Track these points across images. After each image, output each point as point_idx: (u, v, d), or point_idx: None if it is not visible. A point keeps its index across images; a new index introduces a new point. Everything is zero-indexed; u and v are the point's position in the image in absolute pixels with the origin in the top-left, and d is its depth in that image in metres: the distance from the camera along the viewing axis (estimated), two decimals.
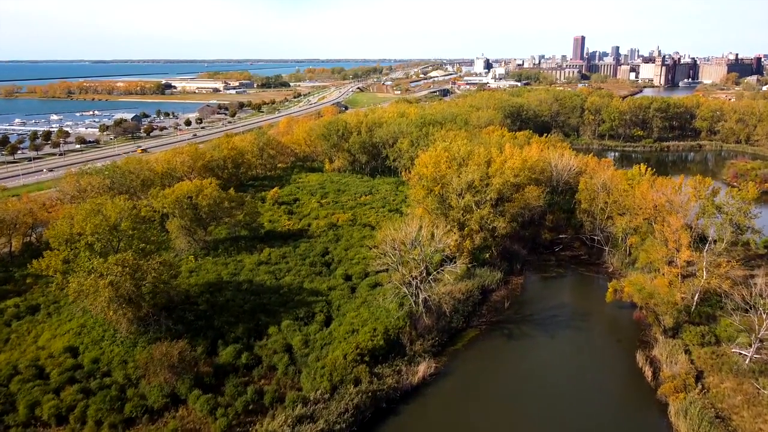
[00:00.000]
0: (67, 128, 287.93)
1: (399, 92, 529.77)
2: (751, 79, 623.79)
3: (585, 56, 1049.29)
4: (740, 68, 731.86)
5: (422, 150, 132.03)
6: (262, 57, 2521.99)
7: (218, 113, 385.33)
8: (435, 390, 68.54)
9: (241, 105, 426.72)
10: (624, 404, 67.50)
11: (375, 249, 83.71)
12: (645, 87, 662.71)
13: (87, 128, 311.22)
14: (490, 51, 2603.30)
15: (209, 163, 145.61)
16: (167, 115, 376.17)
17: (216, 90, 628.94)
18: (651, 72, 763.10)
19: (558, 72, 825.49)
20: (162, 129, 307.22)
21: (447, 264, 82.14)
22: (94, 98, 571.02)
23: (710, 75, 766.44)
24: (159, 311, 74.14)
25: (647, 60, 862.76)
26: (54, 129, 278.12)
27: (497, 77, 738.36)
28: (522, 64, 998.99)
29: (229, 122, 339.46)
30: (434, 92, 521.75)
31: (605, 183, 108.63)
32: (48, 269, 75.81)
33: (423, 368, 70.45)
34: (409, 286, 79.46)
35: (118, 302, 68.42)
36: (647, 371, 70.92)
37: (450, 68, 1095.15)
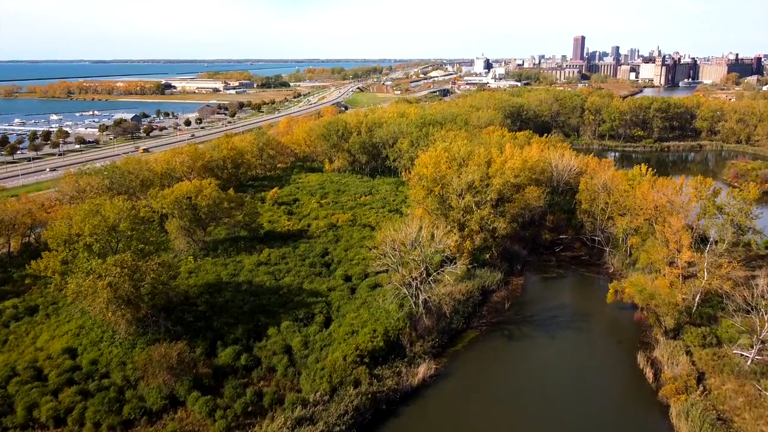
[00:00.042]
0: (67, 128, 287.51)
1: (399, 92, 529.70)
2: (752, 79, 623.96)
3: (585, 56, 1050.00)
4: (740, 68, 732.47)
5: (422, 150, 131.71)
6: (262, 57, 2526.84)
7: (218, 113, 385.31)
8: (435, 391, 68.28)
9: (241, 105, 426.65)
10: (625, 406, 67.21)
11: (375, 250, 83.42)
12: (645, 87, 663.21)
13: (86, 128, 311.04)
14: (490, 51, 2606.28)
15: (209, 164, 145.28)
16: (167, 115, 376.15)
17: (216, 90, 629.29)
18: (651, 72, 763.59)
19: (558, 72, 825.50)
20: (162, 129, 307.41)
21: (447, 265, 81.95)
22: (94, 98, 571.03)
23: (710, 75, 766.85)
24: (158, 312, 73.86)
25: (647, 60, 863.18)
26: (53, 129, 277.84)
27: (497, 77, 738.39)
28: (522, 64, 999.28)
29: (229, 122, 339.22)
30: (434, 92, 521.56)
31: (606, 183, 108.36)
32: (46, 270, 75.77)
33: (423, 370, 70.18)
34: (409, 287, 79.18)
35: (117, 303, 68.22)
36: (648, 372, 70.69)
37: (450, 68, 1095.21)
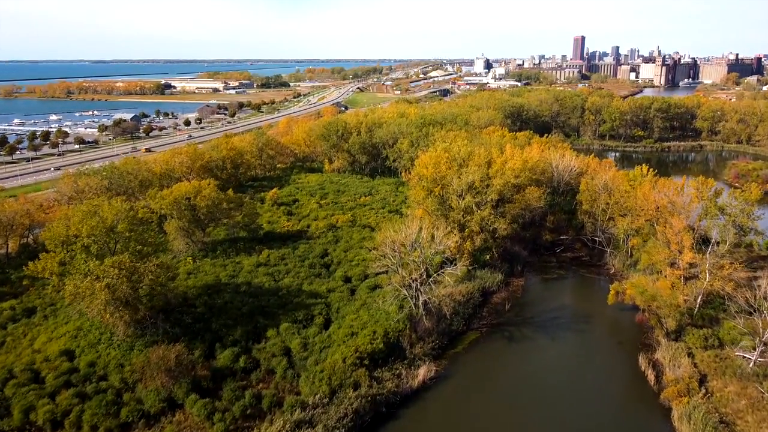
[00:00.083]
0: (66, 128, 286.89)
1: (399, 92, 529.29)
2: (752, 79, 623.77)
3: (585, 56, 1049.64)
4: (740, 68, 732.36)
5: (422, 150, 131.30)
6: (262, 57, 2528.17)
7: (218, 113, 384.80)
8: (435, 394, 67.84)
9: (241, 105, 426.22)
10: (626, 408, 66.76)
11: (375, 251, 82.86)
12: (645, 87, 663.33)
13: (86, 128, 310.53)
14: (490, 51, 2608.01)
15: (208, 164, 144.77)
16: (166, 115, 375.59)
17: (216, 90, 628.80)
18: (651, 72, 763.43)
19: (558, 72, 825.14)
20: (161, 129, 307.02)
21: (447, 266, 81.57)
22: (94, 98, 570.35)
23: (710, 75, 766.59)
24: (156, 314, 73.39)
25: (647, 60, 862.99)
26: (53, 129, 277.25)
27: (497, 77, 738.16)
28: (522, 64, 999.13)
29: (229, 122, 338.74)
30: (434, 92, 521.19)
31: (606, 184, 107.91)
32: (44, 271, 75.13)
33: (423, 372, 69.72)
34: (409, 289, 78.73)
35: (115, 305, 67.82)
36: (650, 374, 70.20)
37: (450, 68, 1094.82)
